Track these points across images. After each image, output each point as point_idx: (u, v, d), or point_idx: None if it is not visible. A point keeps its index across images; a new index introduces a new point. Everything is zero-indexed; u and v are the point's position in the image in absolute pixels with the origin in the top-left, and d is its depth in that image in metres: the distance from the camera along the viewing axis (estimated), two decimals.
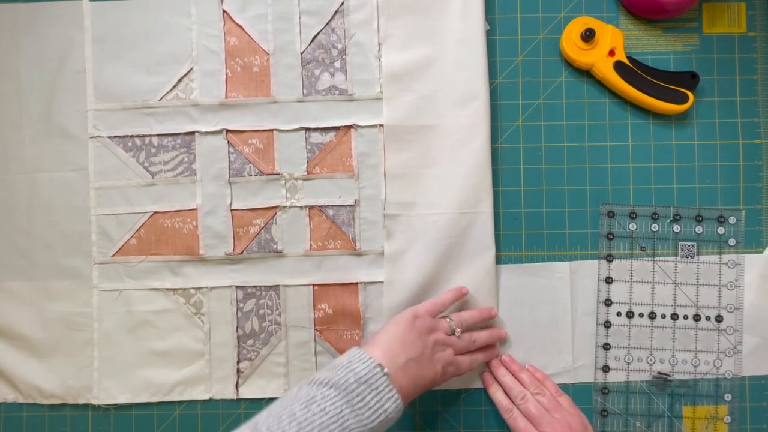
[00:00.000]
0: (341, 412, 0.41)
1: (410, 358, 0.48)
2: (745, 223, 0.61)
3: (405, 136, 0.60)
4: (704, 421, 0.60)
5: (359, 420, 0.41)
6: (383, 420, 0.43)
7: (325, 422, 0.40)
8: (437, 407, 0.61)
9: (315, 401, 0.41)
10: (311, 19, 0.61)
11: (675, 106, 0.59)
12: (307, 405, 0.40)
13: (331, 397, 0.41)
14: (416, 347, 0.49)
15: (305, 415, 0.40)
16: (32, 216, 0.62)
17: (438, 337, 0.52)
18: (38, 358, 0.61)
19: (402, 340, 0.49)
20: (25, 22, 0.62)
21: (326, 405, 0.41)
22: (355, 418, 0.41)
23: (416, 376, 0.48)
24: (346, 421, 0.41)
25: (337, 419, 0.40)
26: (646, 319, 0.60)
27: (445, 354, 0.52)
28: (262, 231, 0.61)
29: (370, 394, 0.43)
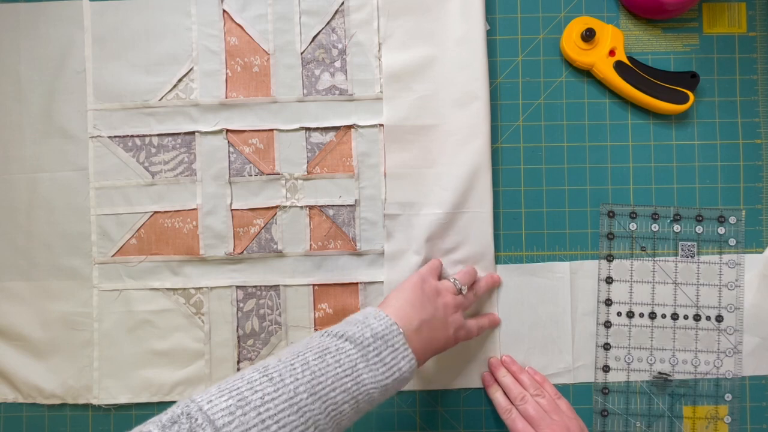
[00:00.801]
0: (356, 365, 0.40)
1: (423, 320, 0.47)
2: (745, 223, 0.61)
3: (405, 136, 0.60)
4: (704, 421, 0.60)
5: (374, 376, 0.41)
6: (397, 378, 0.42)
7: (339, 374, 0.39)
8: (437, 407, 0.61)
9: (329, 352, 0.40)
10: (311, 19, 0.61)
11: (675, 106, 0.59)
12: (321, 355, 0.40)
13: (347, 349, 0.41)
14: (428, 310, 0.48)
15: (319, 365, 0.39)
16: (32, 216, 0.62)
17: (447, 299, 0.52)
18: (38, 358, 0.61)
19: (413, 303, 0.48)
20: (25, 22, 0.62)
21: (341, 357, 0.40)
22: (370, 373, 0.41)
23: (429, 339, 0.47)
24: (360, 375, 0.40)
25: (351, 372, 0.40)
26: (646, 319, 0.60)
27: (457, 317, 0.52)
28: (263, 231, 0.61)
29: (386, 351, 0.42)
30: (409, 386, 0.60)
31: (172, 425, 0.34)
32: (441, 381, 0.61)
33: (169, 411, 0.36)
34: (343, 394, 0.39)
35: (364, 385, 0.40)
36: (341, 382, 0.39)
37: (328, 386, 0.39)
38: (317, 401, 0.38)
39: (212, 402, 0.36)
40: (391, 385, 0.42)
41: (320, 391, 0.38)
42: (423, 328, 0.46)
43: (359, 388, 0.40)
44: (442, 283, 0.54)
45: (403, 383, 0.44)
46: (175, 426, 0.34)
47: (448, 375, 0.61)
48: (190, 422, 0.34)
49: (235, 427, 0.34)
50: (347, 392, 0.39)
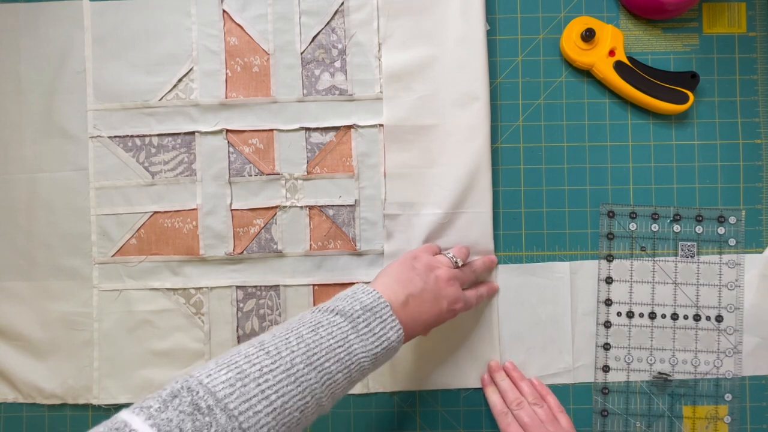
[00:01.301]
0: (347, 337, 0.42)
1: (410, 294, 0.48)
2: (745, 222, 0.61)
3: (405, 136, 0.60)
4: (704, 421, 0.60)
5: (364, 345, 0.42)
6: (386, 347, 0.44)
7: (332, 345, 0.41)
8: (437, 407, 0.61)
9: (322, 326, 0.42)
10: (311, 19, 0.61)
11: (675, 106, 0.59)
12: (315, 329, 0.41)
13: (338, 323, 0.42)
14: (416, 285, 0.49)
15: (313, 337, 0.41)
16: (32, 216, 0.62)
17: (439, 273, 0.52)
18: (38, 358, 0.61)
19: (399, 280, 0.49)
20: (25, 22, 0.62)
21: (333, 330, 0.42)
22: (360, 343, 0.42)
23: (417, 312, 0.48)
24: (352, 345, 0.42)
25: (343, 343, 0.41)
26: (646, 319, 0.60)
27: (452, 290, 0.51)
28: (262, 231, 0.61)
29: (375, 321, 0.44)
30: (410, 386, 0.60)
31: (173, 399, 0.35)
32: (441, 381, 0.61)
33: (168, 386, 0.36)
34: (336, 364, 0.40)
35: (356, 355, 0.42)
36: (335, 353, 0.41)
37: (322, 357, 0.40)
38: (313, 371, 0.39)
39: (211, 376, 0.36)
40: (381, 354, 0.44)
41: (315, 361, 0.40)
42: (410, 302, 0.47)
43: (351, 358, 0.41)
44: (436, 258, 0.54)
45: (391, 352, 0.45)
46: (176, 400, 0.35)
47: (448, 375, 0.61)
48: (192, 395, 0.35)
49: (237, 398, 0.35)
50: (341, 362, 0.41)
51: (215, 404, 0.35)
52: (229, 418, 0.35)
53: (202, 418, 0.34)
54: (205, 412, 0.34)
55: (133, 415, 0.34)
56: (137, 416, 0.34)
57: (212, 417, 0.34)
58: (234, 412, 0.35)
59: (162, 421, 0.33)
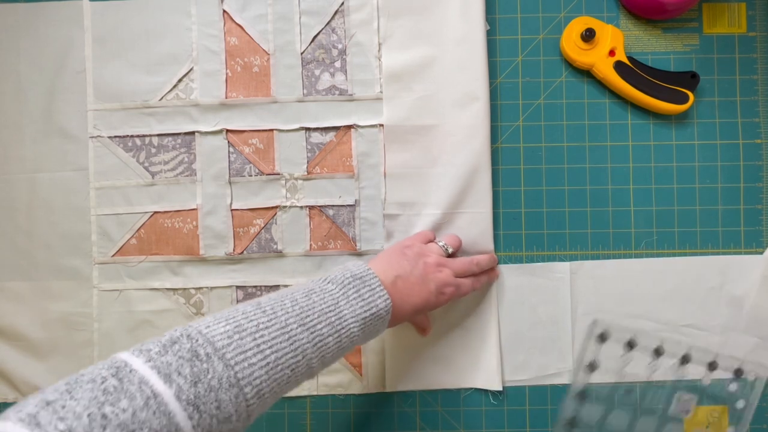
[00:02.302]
0: (338, 302, 0.44)
1: (398, 275, 0.49)
2: (745, 223, 0.61)
3: (405, 136, 0.60)
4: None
5: (353, 310, 0.44)
6: (374, 313, 0.45)
7: (324, 309, 0.43)
8: (437, 407, 0.61)
9: (314, 292, 0.44)
10: (311, 19, 0.61)
11: (675, 106, 0.59)
12: (308, 295, 0.43)
13: (329, 289, 0.45)
14: (404, 267, 0.51)
15: (306, 301, 0.43)
16: (32, 216, 0.62)
17: (429, 259, 0.53)
18: (38, 358, 0.61)
19: (389, 261, 0.51)
20: (25, 22, 0.62)
21: (325, 296, 0.44)
22: (350, 308, 0.44)
23: (406, 292, 0.49)
24: (342, 310, 0.44)
25: (334, 308, 0.43)
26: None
27: (441, 275, 0.52)
28: (262, 231, 0.61)
29: (364, 288, 0.46)
30: (410, 386, 0.60)
31: (173, 345, 0.36)
32: (441, 381, 0.61)
33: (168, 333, 0.37)
34: (327, 327, 0.42)
35: (346, 320, 0.44)
36: (326, 317, 0.43)
37: (315, 319, 0.42)
38: (305, 332, 0.41)
39: (210, 327, 0.38)
40: (369, 320, 0.45)
41: (308, 323, 0.41)
42: (398, 282, 0.49)
43: (341, 323, 0.43)
44: (427, 246, 0.55)
45: (379, 323, 0.46)
46: (176, 345, 0.36)
47: (448, 375, 0.60)
48: (191, 342, 0.36)
49: (233, 349, 0.37)
50: (331, 326, 0.43)
51: (213, 353, 0.36)
52: (226, 367, 0.36)
53: (200, 364, 0.35)
54: (203, 359, 0.36)
55: (132, 356, 0.35)
56: (137, 357, 0.35)
57: (210, 364, 0.36)
58: (230, 362, 0.36)
59: (162, 364, 0.35)
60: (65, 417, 0.30)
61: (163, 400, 0.33)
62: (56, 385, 0.34)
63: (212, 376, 0.35)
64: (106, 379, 0.33)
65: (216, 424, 0.35)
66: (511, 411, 0.60)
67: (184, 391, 0.34)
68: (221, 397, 0.35)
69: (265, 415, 0.61)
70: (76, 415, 0.31)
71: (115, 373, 0.34)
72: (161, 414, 0.33)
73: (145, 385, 0.33)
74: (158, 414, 0.32)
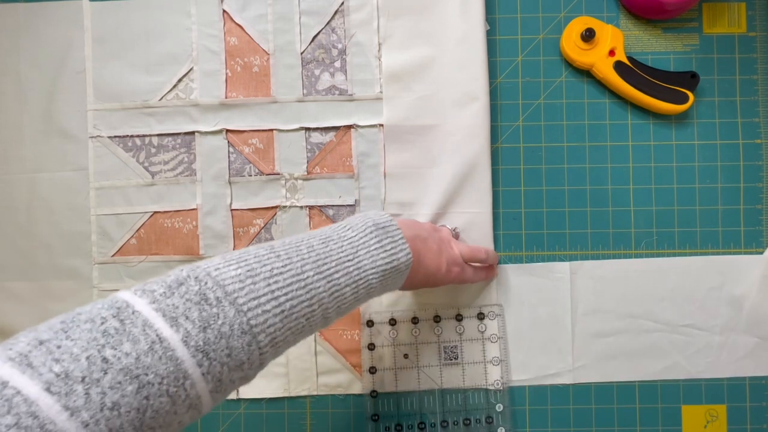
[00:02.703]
0: (357, 252, 0.41)
1: (417, 235, 0.48)
2: (745, 222, 0.61)
3: (405, 136, 0.60)
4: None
5: (374, 261, 0.42)
6: (395, 266, 0.43)
7: (342, 258, 0.40)
8: (438, 407, 0.61)
9: (332, 240, 0.41)
10: (311, 19, 0.61)
11: (675, 106, 0.59)
12: (325, 242, 0.41)
13: (349, 237, 0.42)
14: (422, 231, 0.49)
15: (323, 249, 0.40)
16: (32, 216, 0.62)
17: (444, 234, 0.53)
18: None
19: (408, 224, 0.49)
20: (25, 22, 0.62)
21: (343, 244, 0.41)
22: (370, 259, 0.42)
23: (422, 254, 0.48)
24: (362, 261, 0.41)
25: (353, 258, 0.41)
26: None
27: (452, 251, 0.52)
28: (262, 231, 0.61)
29: (386, 239, 0.43)
30: (410, 386, 0.60)
31: (179, 286, 0.33)
32: (441, 380, 0.61)
33: (173, 273, 0.34)
34: (345, 276, 0.40)
35: (365, 271, 0.41)
36: (344, 266, 0.40)
37: (332, 267, 0.39)
38: (322, 280, 0.38)
39: (220, 269, 0.35)
40: (389, 272, 0.43)
41: (325, 271, 0.39)
42: (417, 241, 0.47)
43: (360, 273, 0.41)
44: (439, 227, 0.56)
45: (398, 276, 0.45)
46: (183, 287, 0.33)
47: (449, 374, 0.60)
48: (199, 284, 0.33)
49: (246, 293, 0.34)
50: (349, 275, 0.40)
51: (224, 297, 0.33)
52: (238, 312, 0.33)
53: (209, 308, 0.33)
54: (212, 303, 0.33)
55: (135, 296, 0.32)
56: (140, 298, 0.32)
57: (220, 309, 0.33)
58: (243, 308, 0.34)
59: (167, 307, 0.32)
60: (61, 358, 0.27)
61: (169, 345, 0.30)
62: (50, 322, 0.30)
63: (223, 322, 0.33)
64: (106, 319, 0.30)
65: (227, 372, 0.33)
66: (512, 411, 0.60)
67: (192, 336, 0.31)
68: (233, 344, 0.33)
69: (265, 415, 0.61)
70: (74, 356, 0.28)
71: (116, 313, 0.31)
72: (168, 359, 0.30)
73: (149, 329, 0.30)
74: (164, 359, 0.30)
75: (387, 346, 0.61)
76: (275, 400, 0.61)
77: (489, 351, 0.60)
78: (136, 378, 0.29)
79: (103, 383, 0.28)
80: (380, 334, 0.60)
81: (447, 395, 0.60)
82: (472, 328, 0.60)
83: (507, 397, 0.60)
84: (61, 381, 0.27)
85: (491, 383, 0.60)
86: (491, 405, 0.60)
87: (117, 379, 0.28)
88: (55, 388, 0.26)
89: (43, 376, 0.26)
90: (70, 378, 0.27)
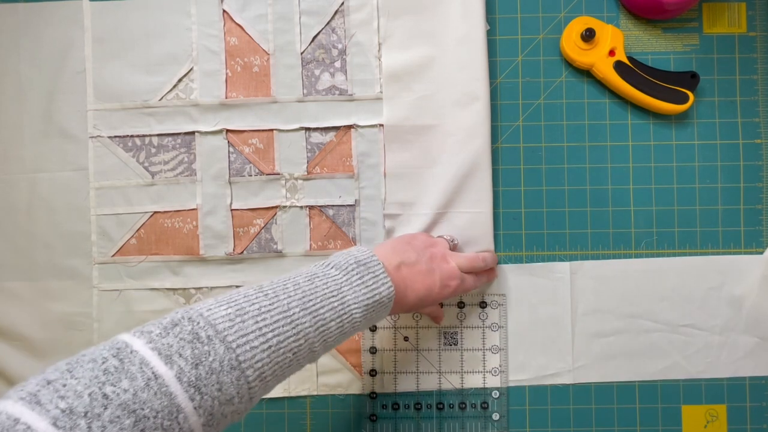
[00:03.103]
0: (341, 288, 0.43)
1: (402, 261, 0.49)
2: (745, 222, 0.61)
3: (405, 136, 0.60)
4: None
5: (356, 296, 0.44)
6: (377, 300, 0.45)
7: (326, 294, 0.42)
8: (438, 407, 0.61)
9: (317, 276, 0.44)
10: (311, 19, 0.61)
11: (675, 106, 0.59)
12: (311, 279, 0.43)
13: (333, 275, 0.44)
14: (409, 254, 0.51)
15: (309, 286, 0.42)
16: (32, 216, 0.62)
17: (435, 250, 0.53)
18: (38, 358, 0.61)
19: (394, 249, 0.51)
20: (25, 22, 0.62)
21: (328, 281, 0.44)
22: (353, 294, 0.44)
23: (408, 279, 0.49)
24: (345, 296, 0.43)
25: (336, 293, 0.43)
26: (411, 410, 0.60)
27: (447, 267, 0.52)
28: (262, 231, 0.61)
29: (368, 275, 0.45)
30: (410, 386, 0.60)
31: (174, 327, 0.36)
32: (442, 381, 0.61)
33: (169, 316, 0.37)
34: (330, 312, 0.42)
35: (349, 306, 0.43)
36: (329, 301, 0.42)
37: (317, 304, 0.42)
38: (308, 316, 0.41)
39: (211, 310, 0.38)
40: (372, 306, 0.45)
41: (311, 307, 0.41)
42: (402, 268, 0.49)
43: (344, 308, 0.43)
44: (434, 239, 0.56)
45: (382, 310, 0.46)
46: (177, 327, 0.36)
47: (450, 375, 0.60)
48: (192, 324, 0.36)
49: (235, 331, 0.37)
50: (334, 311, 0.42)
51: (215, 335, 0.36)
52: (227, 350, 0.36)
53: (201, 346, 0.35)
54: (204, 341, 0.35)
55: (134, 337, 0.35)
56: (138, 339, 0.35)
57: (211, 347, 0.35)
58: (232, 345, 0.36)
59: (162, 346, 0.34)
60: (66, 396, 0.30)
61: (164, 382, 0.33)
62: (57, 364, 0.33)
63: (213, 359, 0.35)
64: (107, 359, 0.33)
65: (218, 406, 0.35)
66: (512, 411, 0.60)
67: (185, 372, 0.34)
68: (223, 379, 0.35)
69: (265, 415, 0.61)
70: (77, 393, 0.31)
71: (116, 353, 0.33)
72: (162, 395, 0.33)
73: (146, 366, 0.33)
74: (159, 395, 0.32)
75: (388, 328, 0.61)
76: (275, 400, 0.61)
77: (489, 339, 0.60)
78: (133, 412, 0.31)
79: (103, 417, 0.30)
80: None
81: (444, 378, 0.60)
82: (474, 315, 0.60)
83: (505, 385, 0.60)
84: (66, 416, 0.29)
85: (489, 370, 0.60)
86: (487, 391, 0.60)
87: (116, 413, 0.31)
88: (60, 423, 0.29)
89: (50, 412, 0.29)
90: (74, 413, 0.30)
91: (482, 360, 0.60)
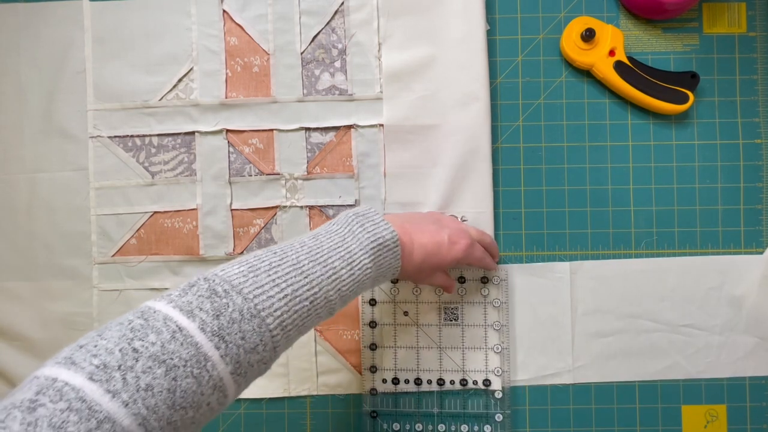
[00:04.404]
0: (344, 239, 0.45)
1: (406, 220, 0.51)
2: (745, 222, 0.61)
3: (405, 136, 0.60)
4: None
5: (360, 243, 0.45)
6: (381, 243, 0.46)
7: (332, 246, 0.44)
8: (438, 407, 0.61)
9: (321, 234, 0.46)
10: (311, 19, 0.61)
11: (675, 106, 0.59)
12: (315, 237, 0.45)
13: (335, 230, 0.46)
14: (413, 216, 0.54)
15: (314, 243, 0.44)
16: (32, 216, 0.62)
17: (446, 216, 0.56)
18: (38, 358, 0.61)
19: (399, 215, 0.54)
20: (25, 22, 0.62)
21: (331, 236, 0.45)
22: (357, 242, 0.45)
23: (413, 232, 0.50)
24: (350, 245, 0.45)
25: (341, 244, 0.45)
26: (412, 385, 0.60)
27: (456, 224, 0.54)
28: (262, 231, 0.61)
29: (368, 223, 0.47)
30: (410, 387, 0.60)
31: (191, 287, 0.38)
32: (442, 381, 0.61)
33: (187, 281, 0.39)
34: (339, 261, 0.44)
35: (355, 252, 0.45)
36: (336, 251, 0.44)
37: (325, 254, 0.43)
38: (318, 265, 0.42)
39: (225, 270, 0.40)
40: (377, 250, 0.46)
41: (319, 258, 0.43)
42: (406, 225, 0.50)
43: (351, 256, 0.44)
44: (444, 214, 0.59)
45: (389, 255, 0.47)
46: (194, 288, 0.38)
47: (449, 375, 0.61)
48: (208, 282, 0.38)
49: (250, 284, 0.39)
50: (342, 259, 0.44)
51: (231, 288, 0.38)
52: (245, 299, 0.38)
53: (219, 300, 0.37)
54: (221, 294, 0.37)
55: (155, 301, 0.37)
56: (159, 301, 0.37)
57: (229, 298, 0.37)
58: (249, 296, 0.38)
59: (183, 303, 0.36)
60: (98, 354, 0.32)
61: (188, 333, 0.35)
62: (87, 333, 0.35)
63: (233, 309, 0.37)
64: (132, 321, 0.35)
65: (244, 354, 0.37)
66: (512, 411, 0.60)
67: (207, 323, 0.36)
68: (244, 327, 0.37)
69: (265, 415, 0.61)
70: (108, 350, 0.32)
71: (141, 315, 0.36)
72: (188, 345, 0.34)
73: (169, 321, 0.35)
74: (186, 345, 0.34)
75: (388, 302, 0.61)
76: (275, 400, 0.61)
77: (490, 315, 0.60)
78: (163, 362, 0.33)
79: (136, 368, 0.32)
80: (381, 291, 0.61)
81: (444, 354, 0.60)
82: (475, 291, 0.60)
83: (506, 362, 0.60)
84: (101, 371, 0.31)
85: (491, 347, 0.60)
86: (489, 370, 0.60)
87: (147, 364, 0.33)
88: (96, 377, 0.31)
89: (85, 369, 0.31)
90: (108, 367, 0.32)
91: (483, 337, 0.60)
